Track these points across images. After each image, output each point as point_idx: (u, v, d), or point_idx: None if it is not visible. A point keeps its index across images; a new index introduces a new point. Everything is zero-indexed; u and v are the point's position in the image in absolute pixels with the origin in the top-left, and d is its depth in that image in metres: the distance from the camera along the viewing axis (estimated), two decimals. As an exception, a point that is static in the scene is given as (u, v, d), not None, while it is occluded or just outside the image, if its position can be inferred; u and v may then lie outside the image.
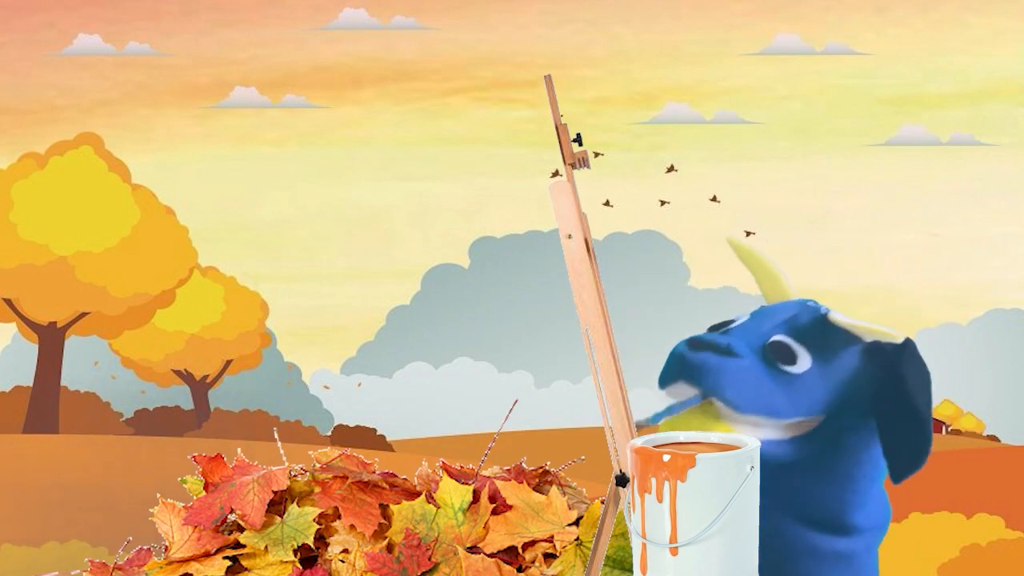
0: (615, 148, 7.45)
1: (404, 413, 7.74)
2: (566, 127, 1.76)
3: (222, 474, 1.90)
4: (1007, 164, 7.53)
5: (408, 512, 1.87)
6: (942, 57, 7.62)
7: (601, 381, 1.75)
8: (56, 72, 7.76)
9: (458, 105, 7.76)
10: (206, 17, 7.76)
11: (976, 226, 7.61)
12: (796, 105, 7.70)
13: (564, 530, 1.86)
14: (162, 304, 7.90)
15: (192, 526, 1.86)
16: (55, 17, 7.74)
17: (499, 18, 7.75)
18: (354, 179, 7.81)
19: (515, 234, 7.73)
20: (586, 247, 1.76)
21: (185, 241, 7.81)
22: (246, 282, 7.87)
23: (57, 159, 7.80)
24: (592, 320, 1.75)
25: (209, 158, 7.80)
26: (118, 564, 1.87)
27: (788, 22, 7.66)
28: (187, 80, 7.79)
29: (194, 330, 7.97)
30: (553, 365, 7.70)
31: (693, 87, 7.74)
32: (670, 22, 7.67)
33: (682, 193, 7.49)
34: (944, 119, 7.66)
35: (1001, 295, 7.61)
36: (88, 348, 7.91)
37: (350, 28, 7.79)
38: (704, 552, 1.57)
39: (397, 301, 7.86)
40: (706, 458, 1.58)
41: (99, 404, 7.88)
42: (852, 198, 7.65)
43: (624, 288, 7.41)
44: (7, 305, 7.80)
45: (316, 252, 7.81)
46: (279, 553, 1.84)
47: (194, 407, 7.96)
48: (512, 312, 7.83)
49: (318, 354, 7.88)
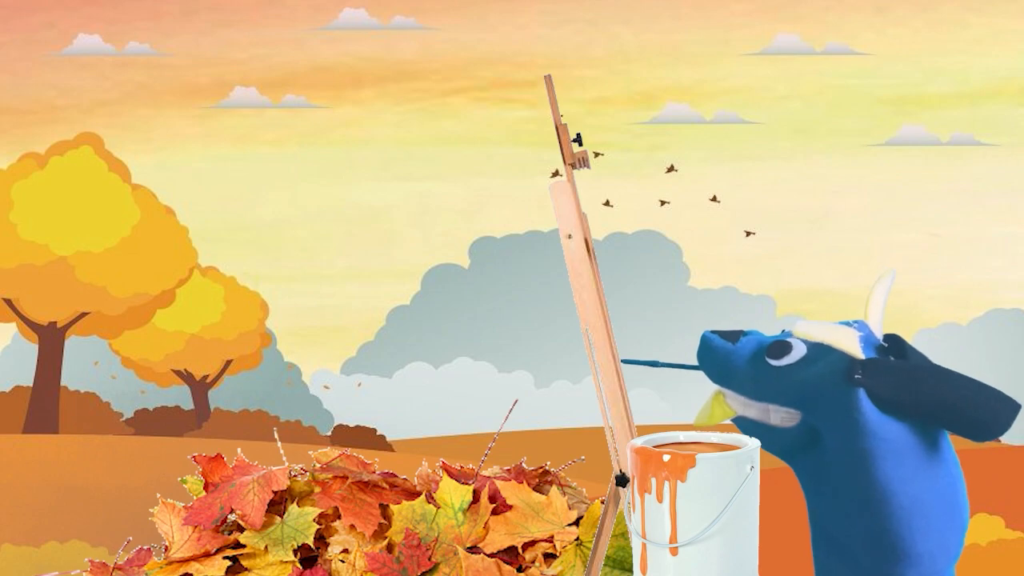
0: (615, 148, 7.45)
1: (404, 413, 7.74)
2: (566, 127, 1.76)
3: (222, 474, 1.90)
4: (1007, 164, 7.53)
5: (408, 512, 1.87)
6: (942, 57, 7.63)
7: (601, 381, 1.75)
8: (56, 72, 7.76)
9: (458, 105, 7.76)
10: (206, 17, 7.76)
11: (976, 226, 7.61)
12: (796, 105, 7.70)
13: (564, 530, 1.86)
14: (162, 304, 7.90)
15: (192, 526, 1.86)
16: (55, 17, 7.74)
17: (499, 18, 7.75)
18: (354, 179, 7.81)
19: (515, 234, 7.73)
20: (586, 247, 1.76)
21: (185, 241, 7.81)
22: (246, 282, 7.87)
23: (57, 159, 7.80)
24: (592, 320, 1.75)
25: (209, 158, 7.80)
26: (118, 564, 1.87)
27: (788, 22, 7.66)
28: (187, 80, 7.79)
29: (194, 330, 7.97)
30: (553, 365, 7.70)
31: (693, 87, 7.74)
32: (670, 22, 7.67)
33: (682, 193, 7.49)
34: (944, 119, 7.66)
35: (1001, 295, 7.61)
36: (88, 348, 7.91)
37: (350, 28, 7.79)
38: (704, 552, 1.57)
39: (397, 301, 7.86)
40: (706, 458, 1.58)
41: (99, 404, 7.88)
42: (852, 198, 7.65)
43: (624, 288, 7.41)
44: (7, 305, 7.80)
45: (316, 252, 7.81)
46: (279, 553, 1.84)
47: (194, 407, 7.96)
48: (512, 312, 7.83)
49: (318, 354, 7.88)
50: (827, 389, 1.60)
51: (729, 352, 1.65)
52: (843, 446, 1.59)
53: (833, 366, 1.60)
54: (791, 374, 1.62)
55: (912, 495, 1.60)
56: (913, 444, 1.61)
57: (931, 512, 1.62)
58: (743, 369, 1.64)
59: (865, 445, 1.60)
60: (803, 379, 1.61)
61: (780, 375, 1.62)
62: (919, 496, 1.60)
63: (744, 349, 1.65)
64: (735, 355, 1.65)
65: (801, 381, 1.61)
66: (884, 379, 1.60)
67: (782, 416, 1.63)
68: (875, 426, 1.60)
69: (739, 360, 1.65)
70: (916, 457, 1.61)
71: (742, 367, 1.64)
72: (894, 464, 1.60)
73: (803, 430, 1.63)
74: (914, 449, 1.62)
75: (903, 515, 1.59)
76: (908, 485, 1.60)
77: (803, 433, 1.63)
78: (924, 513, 1.61)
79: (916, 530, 1.61)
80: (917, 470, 1.61)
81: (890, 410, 1.60)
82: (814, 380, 1.61)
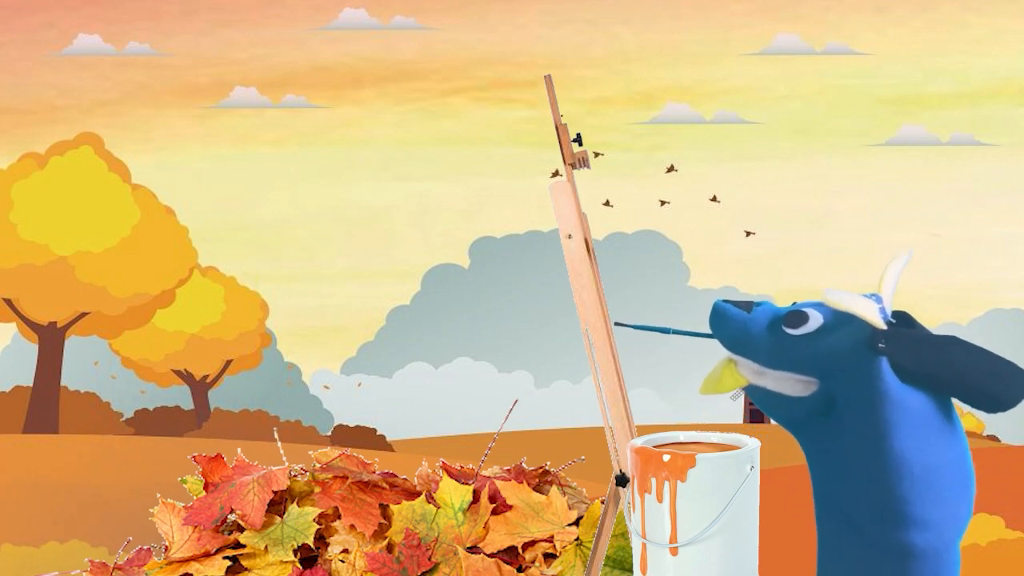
0: (615, 148, 7.45)
1: (404, 413, 7.74)
2: (566, 127, 1.76)
3: (222, 474, 1.90)
4: (1007, 164, 7.54)
5: (408, 512, 1.87)
6: (942, 57, 7.63)
7: (601, 381, 1.75)
8: (56, 72, 7.77)
9: (458, 105, 7.76)
10: (206, 17, 7.76)
11: (976, 226, 7.61)
12: (796, 105, 7.70)
13: (564, 530, 1.86)
14: (162, 304, 7.90)
15: (192, 526, 1.86)
16: (55, 17, 7.74)
17: (499, 18, 7.75)
18: (354, 179, 7.81)
19: (515, 234, 7.73)
20: (586, 247, 1.76)
21: (185, 241, 7.82)
22: (246, 282, 7.88)
23: (57, 159, 7.81)
24: (592, 320, 1.75)
25: (209, 158, 7.80)
26: (118, 564, 1.87)
27: (788, 22, 7.66)
28: (187, 80, 7.79)
29: (194, 330, 7.97)
30: (553, 365, 7.71)
31: (693, 87, 7.75)
32: (670, 22, 7.67)
33: (682, 193, 7.50)
34: (944, 119, 7.66)
35: (1001, 295, 7.61)
36: (88, 348, 7.91)
37: (350, 28, 7.80)
38: (704, 552, 1.57)
39: (397, 301, 7.87)
40: (706, 458, 1.58)
41: (99, 404, 7.88)
42: (852, 198, 7.65)
43: (624, 288, 7.41)
44: (7, 305, 7.80)
45: (316, 252, 7.81)
46: (279, 553, 1.83)
47: (194, 407, 7.96)
48: (512, 312, 7.83)
49: (318, 354, 7.89)
50: (849, 358, 1.61)
51: (745, 320, 1.66)
52: (861, 414, 1.60)
53: (855, 335, 1.61)
54: (810, 343, 1.62)
55: (925, 463, 1.62)
56: (930, 413, 1.63)
57: (942, 480, 1.64)
58: (761, 337, 1.64)
59: (884, 413, 1.61)
60: (824, 348, 1.62)
61: (799, 344, 1.63)
62: (932, 464, 1.62)
63: (760, 318, 1.66)
64: (751, 323, 1.65)
65: (821, 349, 1.62)
66: (907, 348, 1.62)
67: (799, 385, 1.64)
68: (896, 394, 1.61)
69: (756, 328, 1.65)
70: (932, 426, 1.63)
71: (759, 335, 1.64)
72: (910, 432, 1.62)
73: (819, 399, 1.63)
74: (931, 418, 1.63)
75: (914, 483, 1.61)
76: (922, 454, 1.62)
77: (818, 402, 1.63)
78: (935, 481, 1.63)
79: (927, 498, 1.62)
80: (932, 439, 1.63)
81: (910, 380, 1.61)
82: (836, 348, 1.62)
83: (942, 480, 1.65)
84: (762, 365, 1.67)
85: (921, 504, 1.63)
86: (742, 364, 1.69)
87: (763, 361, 1.67)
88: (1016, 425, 7.55)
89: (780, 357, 1.66)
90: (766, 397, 1.68)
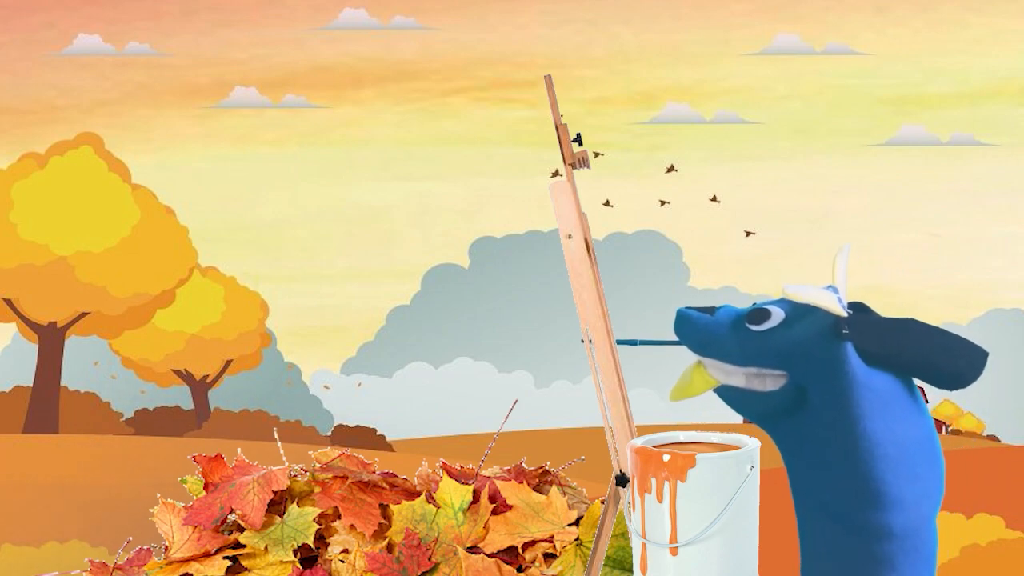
0: (615, 148, 7.45)
1: (404, 413, 7.74)
2: (566, 127, 1.76)
3: (222, 474, 1.90)
4: (1007, 164, 7.54)
5: (408, 512, 1.87)
6: (942, 57, 7.63)
7: (601, 381, 1.75)
8: (56, 72, 7.76)
9: (458, 105, 7.76)
10: (206, 17, 7.76)
11: (976, 226, 7.61)
12: (796, 105, 7.70)
13: (564, 530, 1.86)
14: (162, 304, 7.90)
15: (192, 526, 1.86)
16: (55, 17, 7.74)
17: (499, 18, 7.75)
18: (354, 179, 7.81)
19: (515, 234, 7.73)
20: (586, 247, 1.76)
21: (185, 241, 7.81)
22: (246, 282, 7.88)
23: (57, 159, 7.81)
24: (592, 320, 1.75)
25: (209, 158, 7.80)
26: (118, 564, 1.87)
27: (788, 22, 7.66)
28: (187, 80, 7.79)
29: (194, 330, 7.97)
30: (553, 365, 7.70)
31: (693, 87, 7.75)
32: (670, 22, 7.67)
33: (682, 193, 7.49)
34: (944, 119, 7.66)
35: (1001, 295, 7.61)
36: (88, 348, 7.91)
37: (350, 28, 7.79)
38: (704, 552, 1.57)
39: (397, 301, 7.86)
40: (706, 458, 1.58)
41: (99, 404, 7.88)
42: (852, 198, 7.65)
43: (624, 288, 7.41)
44: (7, 305, 7.80)
45: (316, 252, 7.81)
46: (279, 553, 1.84)
47: (194, 407, 7.96)
48: (512, 312, 7.83)
49: (318, 354, 7.88)
50: (815, 346, 1.65)
51: (709, 322, 1.69)
52: (831, 400, 1.64)
53: (818, 324, 1.65)
54: (775, 336, 1.66)
55: (896, 443, 1.67)
56: (896, 394, 1.69)
57: (914, 458, 1.69)
58: (727, 336, 1.67)
59: (855, 396, 1.65)
60: (789, 339, 1.66)
61: (764, 338, 1.66)
62: (903, 443, 1.68)
63: (723, 319, 1.69)
64: (716, 324, 1.68)
65: (787, 341, 1.66)
66: (870, 333, 1.67)
67: (768, 379, 1.66)
68: (863, 377, 1.66)
69: (721, 328, 1.68)
70: (899, 407, 1.69)
71: (725, 335, 1.67)
72: (880, 413, 1.67)
73: (789, 392, 1.66)
74: (897, 398, 1.69)
75: (889, 463, 1.65)
76: (893, 434, 1.68)
77: (788, 395, 1.66)
78: (908, 459, 1.68)
79: (901, 476, 1.67)
80: (901, 419, 1.68)
81: (875, 362, 1.66)
82: (801, 339, 1.66)
83: (914, 458, 1.70)
84: (731, 364, 1.70)
85: (897, 484, 1.67)
86: (710, 365, 1.71)
87: (731, 359, 1.70)
88: (1016, 425, 7.55)
89: (748, 353, 1.69)
90: (737, 395, 1.71)
